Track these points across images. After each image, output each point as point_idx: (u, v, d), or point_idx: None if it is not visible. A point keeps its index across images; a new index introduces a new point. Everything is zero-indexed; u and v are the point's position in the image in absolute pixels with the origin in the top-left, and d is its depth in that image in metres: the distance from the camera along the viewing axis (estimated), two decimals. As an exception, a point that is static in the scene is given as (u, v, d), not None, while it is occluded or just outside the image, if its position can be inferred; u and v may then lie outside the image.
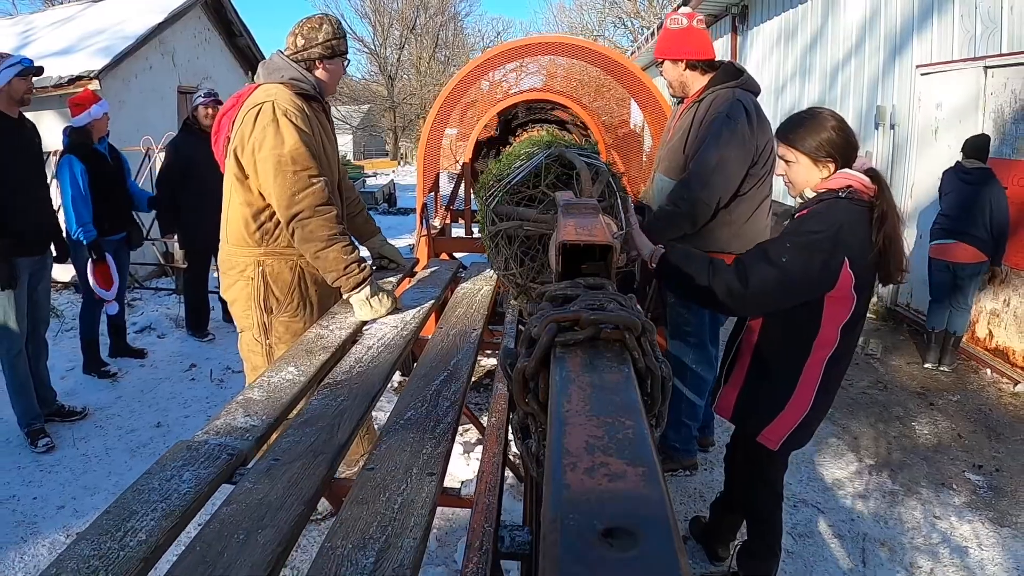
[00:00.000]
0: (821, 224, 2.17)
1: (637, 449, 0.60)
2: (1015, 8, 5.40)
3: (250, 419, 1.73)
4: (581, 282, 1.04)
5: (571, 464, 0.57)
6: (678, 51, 3.32)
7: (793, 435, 2.40)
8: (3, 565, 3.14)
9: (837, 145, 2.24)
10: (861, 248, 2.17)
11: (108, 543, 1.22)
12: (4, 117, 4.04)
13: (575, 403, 0.69)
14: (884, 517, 3.49)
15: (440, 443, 1.61)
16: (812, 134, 2.25)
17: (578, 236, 1.17)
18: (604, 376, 0.77)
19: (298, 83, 2.76)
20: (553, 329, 0.88)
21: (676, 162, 3.31)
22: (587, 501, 0.51)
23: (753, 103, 3.19)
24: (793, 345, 2.33)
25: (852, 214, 2.18)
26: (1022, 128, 5.34)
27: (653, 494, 0.52)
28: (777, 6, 10.28)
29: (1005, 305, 5.59)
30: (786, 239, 2.22)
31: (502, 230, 2.19)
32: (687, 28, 3.30)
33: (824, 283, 2.18)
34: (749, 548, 2.74)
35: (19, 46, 9.39)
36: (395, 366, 2.20)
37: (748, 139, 3.10)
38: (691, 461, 3.75)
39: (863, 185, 2.20)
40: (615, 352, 0.85)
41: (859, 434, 4.42)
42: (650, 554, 0.45)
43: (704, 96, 3.27)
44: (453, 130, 6.34)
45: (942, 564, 3.14)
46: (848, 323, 2.26)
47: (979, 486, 3.83)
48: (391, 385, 4.52)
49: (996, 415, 4.83)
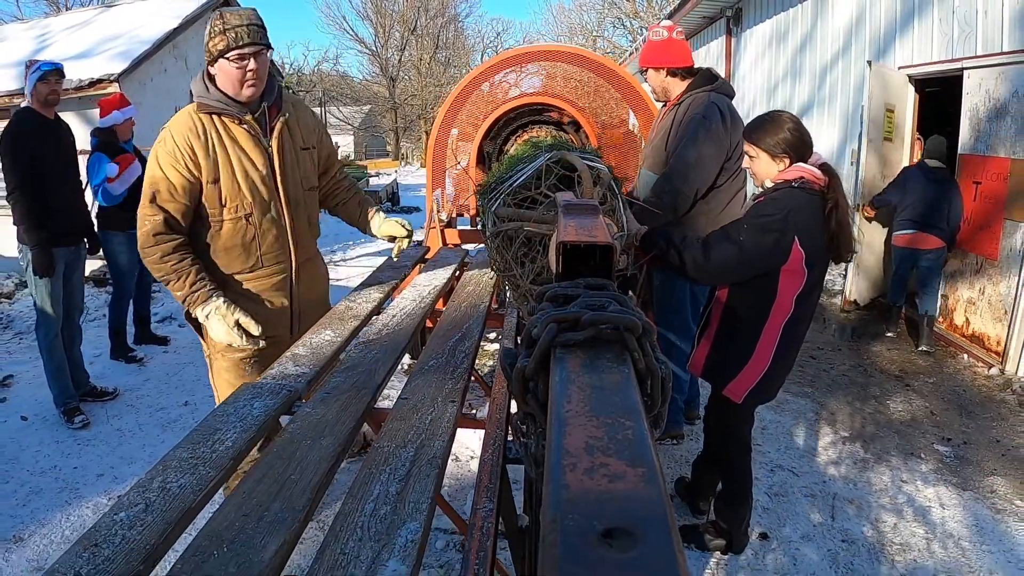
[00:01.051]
0: (774, 208, 2.56)
1: (637, 450, 0.60)
2: (989, 13, 5.73)
3: (300, 368, 2.09)
4: (581, 282, 1.03)
5: (571, 464, 0.57)
6: (660, 60, 3.70)
7: (755, 389, 2.78)
8: (51, 525, 3.46)
9: (791, 143, 2.63)
10: (810, 228, 2.56)
11: (202, 449, 1.57)
12: (42, 119, 4.44)
13: (575, 403, 0.69)
14: (854, 480, 3.82)
15: (458, 382, 1.98)
16: (771, 134, 2.65)
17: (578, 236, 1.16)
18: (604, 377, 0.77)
19: (201, 100, 2.57)
20: (553, 330, 0.88)
21: (659, 158, 3.66)
22: (587, 501, 0.51)
23: (727, 105, 3.56)
24: (754, 311, 2.72)
25: (803, 200, 2.57)
26: (995, 126, 5.67)
27: (653, 495, 0.52)
28: (769, 9, 10.61)
29: (980, 294, 5.92)
30: (744, 221, 2.63)
31: (502, 231, 2.21)
32: (667, 40, 3.68)
33: (776, 258, 2.58)
34: (724, 496, 3.11)
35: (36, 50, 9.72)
36: (416, 331, 2.57)
37: (722, 137, 3.46)
38: (678, 432, 4.09)
39: (814, 176, 2.59)
40: (615, 353, 0.85)
41: (836, 410, 4.76)
42: (650, 554, 0.45)
43: (683, 99, 3.64)
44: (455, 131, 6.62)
45: (905, 520, 3.47)
46: (801, 293, 2.64)
47: (946, 455, 4.16)
48: (401, 367, 4.86)
49: (969, 395, 5.15)
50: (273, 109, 2.68)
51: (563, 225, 1.30)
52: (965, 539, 3.32)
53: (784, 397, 4.88)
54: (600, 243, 1.14)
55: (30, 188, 4.30)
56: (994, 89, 5.65)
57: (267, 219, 2.65)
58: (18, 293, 7.64)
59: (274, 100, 2.67)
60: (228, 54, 2.45)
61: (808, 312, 2.76)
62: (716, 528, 3.11)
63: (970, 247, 6.01)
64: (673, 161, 3.51)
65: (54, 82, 4.45)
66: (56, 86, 4.48)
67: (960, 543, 3.29)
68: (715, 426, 3.10)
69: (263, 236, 2.66)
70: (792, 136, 2.63)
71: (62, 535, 3.36)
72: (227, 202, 2.57)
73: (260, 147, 2.62)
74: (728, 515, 3.06)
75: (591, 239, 1.15)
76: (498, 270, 2.34)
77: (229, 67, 2.47)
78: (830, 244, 2.61)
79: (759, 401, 2.90)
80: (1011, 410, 4.84)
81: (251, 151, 2.60)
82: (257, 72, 2.50)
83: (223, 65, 2.49)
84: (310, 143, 2.83)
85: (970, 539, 3.33)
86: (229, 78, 2.50)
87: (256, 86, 2.53)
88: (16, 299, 7.53)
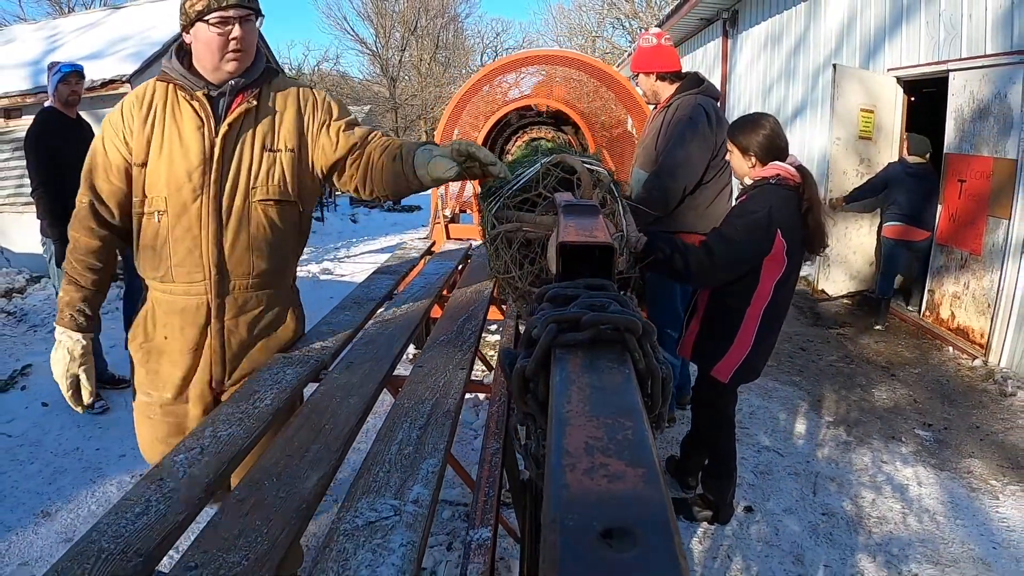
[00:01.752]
0: (757, 205, 2.82)
1: (637, 450, 0.60)
2: (973, 16, 5.95)
3: (323, 343, 2.33)
4: (581, 282, 1.03)
5: (571, 465, 0.57)
6: (649, 65, 3.96)
7: (740, 369, 3.01)
8: (77, 500, 3.66)
9: (763, 145, 2.89)
10: (789, 220, 2.82)
11: (244, 406, 1.80)
12: (64, 118, 4.69)
13: (575, 404, 0.69)
14: (836, 461, 4.04)
15: (467, 353, 2.23)
16: (746, 134, 2.92)
17: (578, 236, 1.17)
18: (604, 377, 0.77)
19: (165, 72, 2.13)
20: (553, 330, 0.88)
21: (649, 157, 3.91)
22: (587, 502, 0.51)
23: (712, 106, 3.81)
24: (737, 297, 2.97)
25: (781, 195, 2.83)
26: (979, 126, 5.89)
27: (653, 495, 0.52)
28: (764, 11, 10.84)
29: (965, 288, 6.14)
30: (734, 221, 2.87)
31: (501, 232, 2.16)
32: (656, 46, 3.94)
33: (765, 249, 2.82)
34: (710, 470, 3.35)
35: (47, 51, 9.92)
36: (426, 313, 2.81)
37: (708, 137, 3.71)
38: (670, 415, 4.31)
39: (790, 174, 2.85)
40: (616, 353, 0.85)
41: (822, 397, 4.99)
42: (649, 555, 0.46)
43: (672, 102, 3.88)
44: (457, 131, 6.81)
45: (883, 496, 3.69)
46: (780, 280, 2.89)
47: (926, 439, 4.37)
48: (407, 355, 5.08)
49: (952, 384, 5.36)
50: (242, 93, 2.13)
51: (563, 225, 1.30)
52: (940, 514, 3.54)
53: (773, 385, 5.11)
54: (600, 243, 1.14)
55: (52, 186, 4.53)
56: (978, 90, 5.87)
57: (181, 224, 2.09)
58: (30, 288, 7.85)
59: (251, 82, 2.14)
60: (208, 16, 1.99)
61: (786, 297, 3.00)
62: (704, 500, 3.33)
63: (955, 243, 6.24)
64: (663, 160, 3.75)
65: (75, 83, 4.69)
66: (77, 87, 4.72)
67: (935, 517, 3.50)
68: (702, 405, 3.33)
69: (175, 245, 2.11)
70: (765, 139, 2.89)
71: (88, 510, 3.56)
72: (148, 192, 2.10)
73: (200, 134, 2.08)
74: (714, 488, 3.29)
75: (591, 239, 1.16)
76: (496, 271, 2.29)
77: (208, 33, 2.01)
78: (805, 239, 2.89)
79: (744, 380, 3.12)
80: (992, 399, 5.06)
81: (188, 136, 2.08)
82: (242, 41, 2.03)
83: (201, 31, 2.03)
84: (282, 146, 2.17)
85: (945, 514, 3.54)
86: (208, 47, 2.03)
87: (240, 59, 2.06)
88: (28, 293, 7.74)
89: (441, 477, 1.43)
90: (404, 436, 1.61)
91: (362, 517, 1.30)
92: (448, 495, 3.43)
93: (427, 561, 3.02)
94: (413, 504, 1.34)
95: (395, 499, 1.36)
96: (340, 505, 1.36)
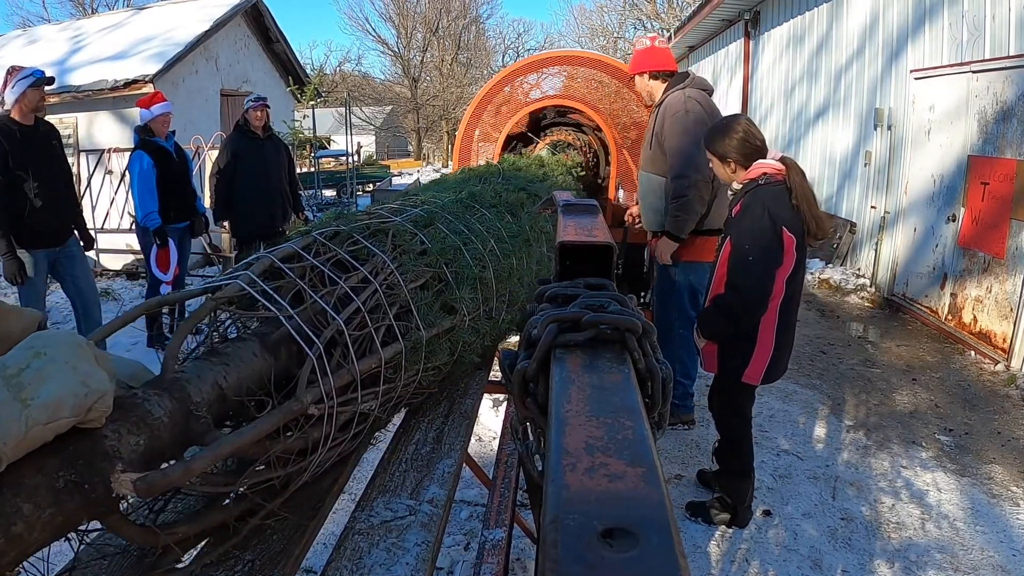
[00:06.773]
0: (754, 213, 2.82)
1: (637, 449, 0.60)
2: (997, 17, 5.88)
3: None
4: (581, 282, 1.03)
5: (571, 464, 0.57)
6: (642, 65, 4.03)
7: (769, 369, 3.03)
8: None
9: (739, 148, 2.91)
10: (788, 213, 2.82)
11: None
12: (19, 126, 4.41)
13: (575, 403, 0.69)
14: (856, 465, 4.01)
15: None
16: (720, 142, 2.94)
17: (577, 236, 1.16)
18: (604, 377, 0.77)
19: None
20: (553, 330, 0.87)
21: (647, 157, 3.96)
22: (587, 501, 0.51)
23: (702, 96, 3.83)
24: None
25: (772, 194, 2.84)
26: (1002, 128, 5.82)
27: (653, 495, 0.52)
28: (786, 12, 10.77)
29: (988, 292, 6.06)
30: (741, 241, 2.87)
31: None
32: (650, 48, 4.02)
33: (779, 253, 2.83)
34: (728, 471, 3.33)
35: (72, 51, 10.08)
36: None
37: (707, 120, 3.70)
38: (688, 417, 4.30)
39: (775, 169, 2.85)
40: (615, 353, 0.85)
41: (842, 401, 4.95)
42: (650, 554, 0.46)
43: (662, 100, 3.92)
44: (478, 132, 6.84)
45: (903, 501, 3.66)
46: (790, 275, 2.89)
47: (947, 444, 4.33)
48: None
49: (974, 389, 5.30)
50: None
51: (562, 225, 1.30)
52: (960, 520, 3.50)
53: (793, 388, 5.08)
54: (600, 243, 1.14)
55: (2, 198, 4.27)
56: (1001, 92, 5.80)
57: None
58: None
59: None
60: None
61: (796, 289, 3.01)
62: (722, 503, 3.32)
63: (977, 246, 6.16)
64: (674, 159, 3.75)
65: (43, 90, 4.48)
66: (44, 93, 4.52)
67: (954, 523, 3.47)
68: (720, 405, 3.31)
69: None
70: (739, 143, 2.89)
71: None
72: None
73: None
74: (730, 488, 3.27)
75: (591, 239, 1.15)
76: None
77: None
78: (807, 227, 2.87)
79: (774, 378, 3.13)
80: (1014, 404, 4.99)
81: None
82: None
83: None
84: None
85: (964, 520, 3.50)
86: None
87: None
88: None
89: (457, 477, 1.45)
90: (421, 436, 1.63)
91: (377, 516, 1.32)
92: (467, 495, 3.45)
93: (444, 561, 3.04)
94: (429, 504, 1.36)
95: (411, 499, 1.38)
96: (356, 504, 1.38)
